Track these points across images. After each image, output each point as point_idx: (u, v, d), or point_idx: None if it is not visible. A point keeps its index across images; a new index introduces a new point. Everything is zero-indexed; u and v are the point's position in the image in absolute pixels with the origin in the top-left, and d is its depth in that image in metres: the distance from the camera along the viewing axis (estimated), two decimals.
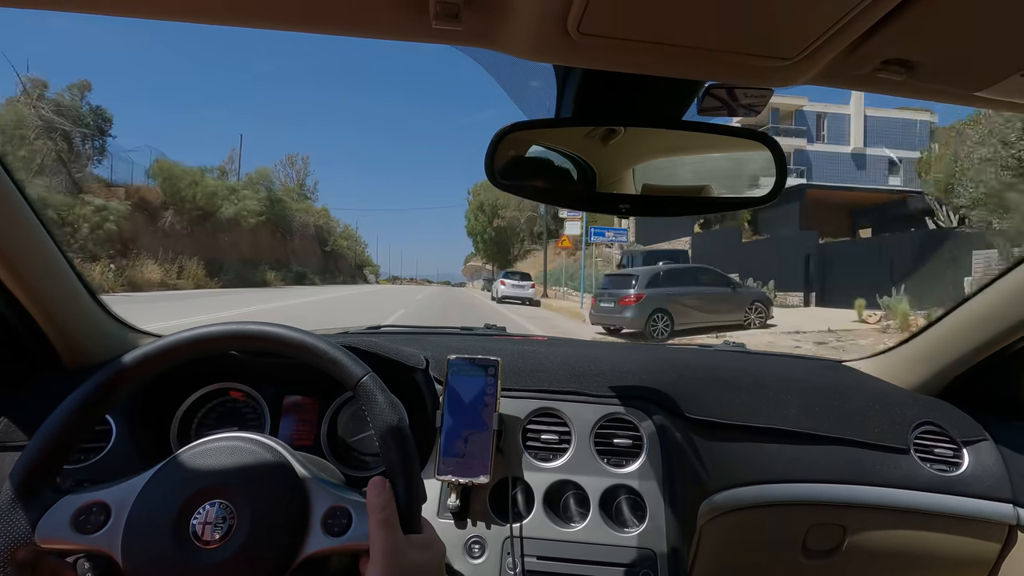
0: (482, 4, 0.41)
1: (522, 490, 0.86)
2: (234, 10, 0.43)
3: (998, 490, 0.97)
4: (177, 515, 0.49)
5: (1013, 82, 0.46)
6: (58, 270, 0.86)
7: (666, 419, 0.92)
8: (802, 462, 0.97)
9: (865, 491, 0.96)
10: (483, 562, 0.80)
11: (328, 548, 0.51)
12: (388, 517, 0.50)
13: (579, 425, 0.91)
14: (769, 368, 1.12)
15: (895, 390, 1.11)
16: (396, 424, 0.54)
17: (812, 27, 0.39)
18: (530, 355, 1.03)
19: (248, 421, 0.97)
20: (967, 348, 1.02)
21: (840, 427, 1.00)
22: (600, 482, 0.86)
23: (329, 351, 0.56)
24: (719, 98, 0.59)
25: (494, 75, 0.65)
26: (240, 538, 0.49)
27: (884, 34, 0.41)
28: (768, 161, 0.68)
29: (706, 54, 0.45)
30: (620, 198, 0.73)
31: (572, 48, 0.44)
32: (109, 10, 0.43)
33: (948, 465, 1.00)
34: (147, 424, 0.89)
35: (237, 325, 0.57)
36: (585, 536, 0.81)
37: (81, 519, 0.49)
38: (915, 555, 0.98)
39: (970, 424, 1.04)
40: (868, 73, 0.47)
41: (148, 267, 18.38)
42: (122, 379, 0.54)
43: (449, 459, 0.84)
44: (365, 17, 0.43)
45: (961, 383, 1.08)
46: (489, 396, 0.87)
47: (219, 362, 0.94)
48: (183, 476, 0.52)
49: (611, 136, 0.69)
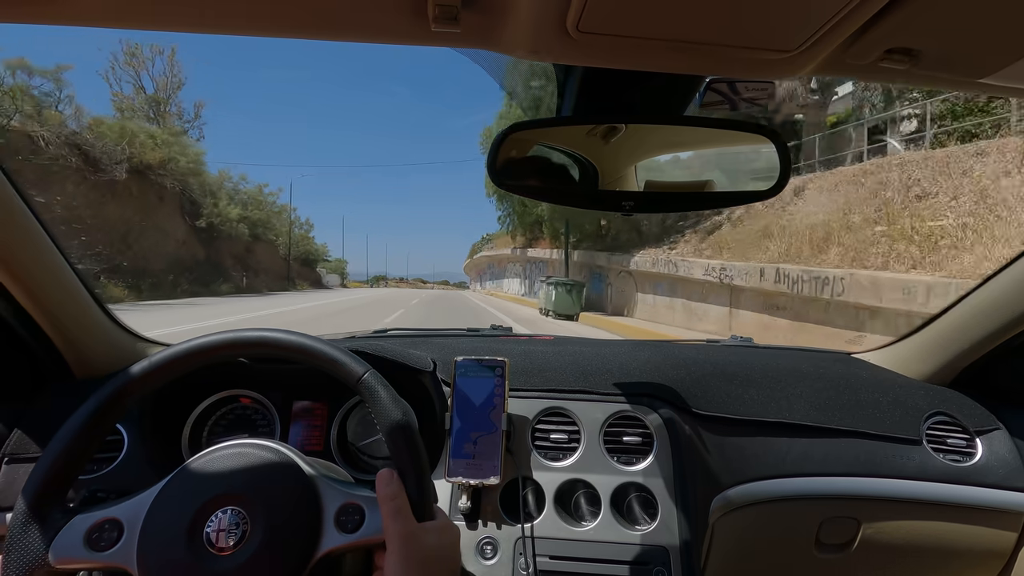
0: (480, 6, 0.41)
1: (532, 490, 0.86)
2: (232, 18, 0.43)
3: (1013, 479, 0.96)
4: (190, 524, 0.50)
5: (1019, 67, 0.45)
6: (66, 281, 0.87)
7: (675, 416, 0.91)
8: (813, 456, 0.96)
9: (878, 483, 0.95)
10: (495, 563, 0.80)
11: (343, 545, 0.51)
12: (399, 506, 0.51)
13: (588, 424, 0.91)
14: (778, 362, 1.12)
15: (906, 381, 1.10)
16: (401, 417, 0.55)
17: (813, 18, 0.39)
18: (537, 355, 1.03)
19: (258, 427, 0.97)
20: (978, 337, 1.01)
21: (851, 420, 0.99)
22: (611, 480, 0.86)
23: (328, 351, 0.57)
24: (720, 92, 0.59)
25: (494, 76, 0.66)
26: (254, 543, 0.50)
27: (886, 23, 0.40)
28: (772, 154, 0.68)
29: (706, 49, 0.44)
30: (623, 196, 0.73)
31: (572, 47, 0.44)
32: (104, 23, 0.44)
33: (961, 455, 0.99)
34: (159, 433, 0.90)
35: (237, 333, 0.58)
36: (597, 535, 0.81)
37: (94, 537, 0.50)
38: (930, 547, 0.97)
39: (982, 414, 1.03)
40: (871, 63, 0.47)
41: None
42: (127, 392, 0.54)
43: (459, 461, 0.84)
44: (365, 22, 0.43)
45: (972, 372, 1.07)
46: (497, 397, 0.87)
47: (229, 369, 0.95)
48: (195, 484, 0.53)
49: (613, 134, 0.69)
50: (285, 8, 0.42)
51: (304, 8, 0.41)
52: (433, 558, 0.51)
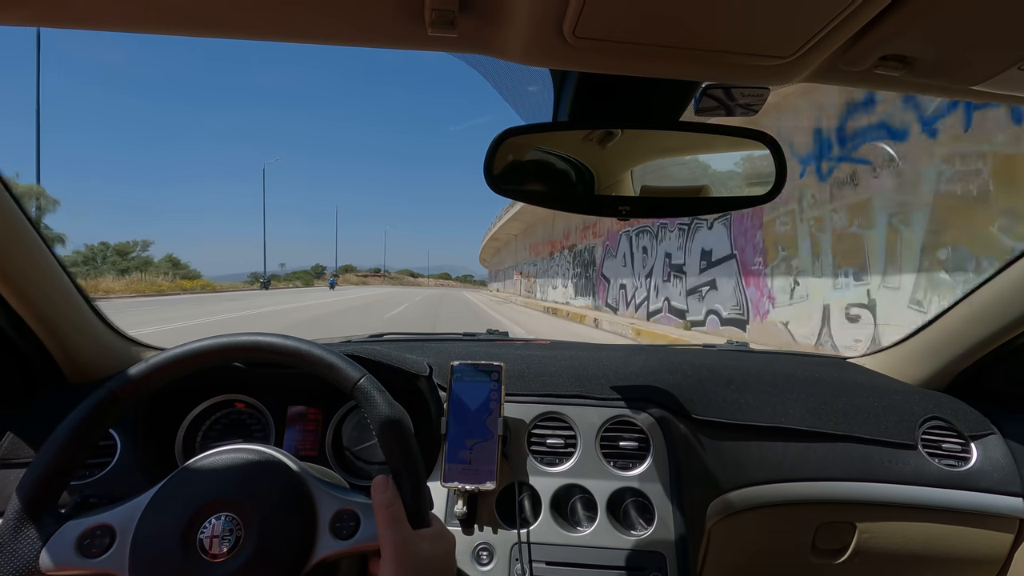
0: (477, 11, 0.41)
1: (529, 495, 0.85)
2: (229, 22, 0.43)
3: (1007, 484, 0.96)
4: (184, 530, 0.49)
5: (1011, 75, 0.45)
6: (60, 286, 0.86)
7: (671, 420, 0.91)
8: (809, 460, 0.96)
9: (874, 488, 0.95)
10: (492, 569, 0.79)
11: (338, 552, 0.51)
12: (395, 513, 0.51)
13: (584, 429, 0.90)
14: (774, 367, 1.12)
15: (901, 386, 1.11)
16: (396, 423, 0.54)
17: (808, 25, 0.39)
18: (533, 359, 1.03)
19: (253, 432, 0.96)
20: (972, 342, 1.01)
21: (847, 424, 0.99)
22: (607, 485, 0.85)
23: (324, 356, 0.57)
24: (716, 98, 0.59)
25: (491, 81, 0.66)
26: (248, 550, 0.49)
27: (880, 30, 0.41)
28: (768, 159, 0.68)
29: (702, 55, 0.45)
30: (620, 200, 0.73)
31: (568, 52, 0.44)
32: (101, 26, 0.43)
33: (956, 460, 0.99)
34: (152, 438, 0.89)
35: (232, 337, 0.57)
36: (593, 540, 0.81)
37: (86, 543, 0.49)
38: (926, 551, 0.98)
39: (977, 418, 1.03)
40: (865, 70, 0.47)
41: None
42: (121, 395, 0.54)
43: (455, 466, 0.83)
44: (361, 27, 0.43)
45: (967, 377, 1.07)
46: (493, 402, 0.86)
47: (223, 374, 0.94)
48: (188, 490, 0.52)
49: (609, 138, 0.69)
50: (282, 13, 0.42)
51: (301, 13, 0.41)
52: (428, 567, 0.50)
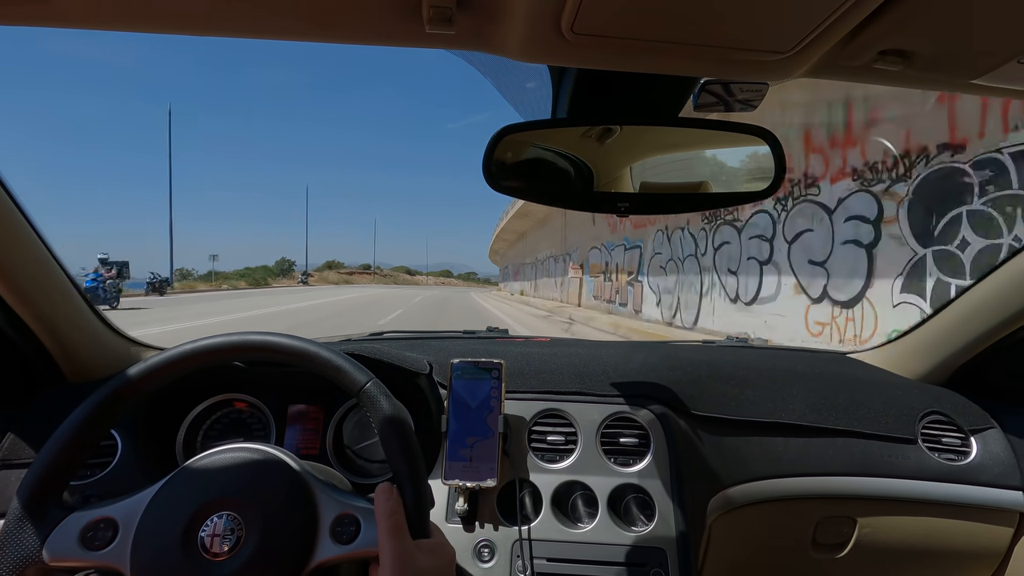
0: (475, 7, 0.41)
1: (530, 492, 0.86)
2: (226, 20, 0.42)
3: (1007, 477, 0.97)
4: (185, 528, 0.49)
5: (1011, 68, 0.45)
6: (59, 286, 0.86)
7: (671, 416, 0.91)
8: (810, 456, 0.96)
9: (874, 483, 0.95)
10: (493, 566, 0.79)
11: (337, 556, 0.50)
12: (397, 523, 0.50)
13: (585, 425, 0.90)
14: (774, 362, 1.12)
15: (901, 380, 1.11)
16: (401, 429, 0.54)
17: (806, 20, 0.39)
18: (533, 357, 1.03)
19: (254, 431, 0.96)
20: (972, 336, 1.01)
21: (847, 419, 0.99)
22: (608, 482, 0.85)
23: (332, 359, 0.56)
24: (715, 94, 0.59)
25: (489, 77, 0.65)
26: (249, 549, 0.49)
27: (879, 25, 0.41)
28: (767, 155, 0.68)
29: (700, 50, 0.44)
30: (619, 197, 0.73)
31: (566, 48, 0.44)
32: (100, 25, 0.43)
33: (956, 454, 0.99)
34: (153, 437, 0.89)
35: (239, 336, 0.57)
36: (594, 536, 0.81)
37: (89, 536, 0.49)
38: (926, 545, 0.98)
39: (977, 412, 1.03)
40: (865, 64, 0.47)
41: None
42: (123, 395, 0.54)
43: (456, 463, 0.83)
44: (358, 24, 0.43)
45: (966, 372, 1.07)
46: (494, 399, 0.87)
47: (223, 373, 0.94)
48: (190, 488, 0.52)
49: (608, 135, 0.69)
50: (279, 10, 0.41)
51: (298, 10, 0.41)
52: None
